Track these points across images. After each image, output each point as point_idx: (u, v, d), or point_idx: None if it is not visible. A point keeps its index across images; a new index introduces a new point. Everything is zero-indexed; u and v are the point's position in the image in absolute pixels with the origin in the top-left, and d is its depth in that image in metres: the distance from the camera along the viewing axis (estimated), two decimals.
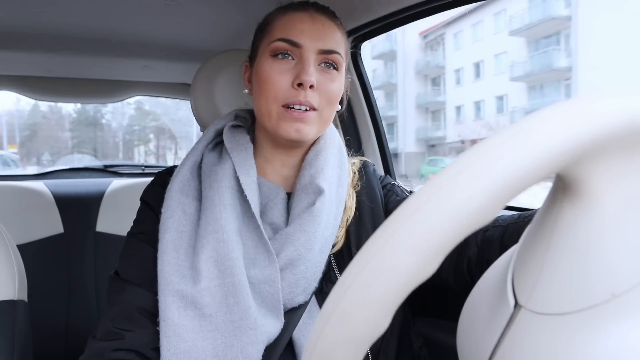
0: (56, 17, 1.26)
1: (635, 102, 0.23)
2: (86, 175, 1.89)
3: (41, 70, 1.73)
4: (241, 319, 0.64)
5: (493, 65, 19.46)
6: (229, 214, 0.68)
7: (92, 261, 1.55)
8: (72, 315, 1.50)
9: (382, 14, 1.11)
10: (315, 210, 0.69)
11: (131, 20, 1.31)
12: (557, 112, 0.23)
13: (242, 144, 0.75)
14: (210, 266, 0.65)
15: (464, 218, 0.22)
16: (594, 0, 15.58)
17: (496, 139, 0.23)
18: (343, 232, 0.76)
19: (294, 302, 0.69)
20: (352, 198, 0.78)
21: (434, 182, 0.23)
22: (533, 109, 15.45)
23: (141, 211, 0.78)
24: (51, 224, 1.53)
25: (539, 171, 0.22)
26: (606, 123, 0.22)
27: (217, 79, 0.98)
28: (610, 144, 0.23)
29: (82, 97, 1.95)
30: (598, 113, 0.23)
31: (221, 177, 0.71)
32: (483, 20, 19.17)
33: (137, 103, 16.34)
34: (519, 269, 0.30)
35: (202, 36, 1.44)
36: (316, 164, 0.74)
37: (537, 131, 0.22)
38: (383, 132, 1.44)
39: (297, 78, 0.68)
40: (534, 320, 0.27)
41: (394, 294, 0.23)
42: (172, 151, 16.90)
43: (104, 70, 1.78)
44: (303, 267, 0.68)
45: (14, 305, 0.83)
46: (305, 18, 0.70)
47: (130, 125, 17.33)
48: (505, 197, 0.22)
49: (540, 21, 17.17)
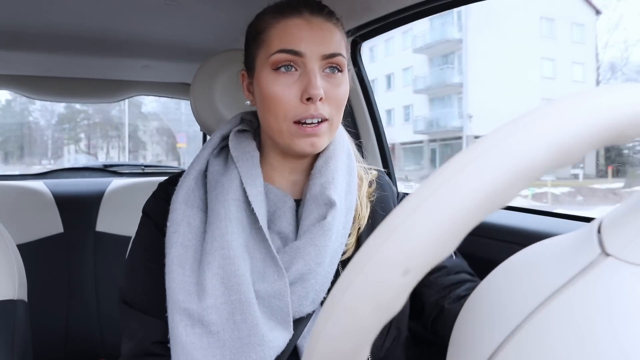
0: (56, 17, 1.25)
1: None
2: (86, 175, 1.89)
3: (41, 70, 1.73)
4: (249, 336, 0.64)
5: (401, 78, 21.78)
6: (234, 228, 0.66)
7: (92, 261, 1.55)
8: (71, 315, 1.50)
9: (382, 14, 1.11)
10: (327, 224, 0.68)
11: (131, 20, 1.31)
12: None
13: (248, 151, 0.73)
14: (216, 283, 0.64)
15: (489, 195, 0.22)
16: (481, 27, 18.23)
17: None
18: (354, 241, 0.74)
19: (301, 312, 0.68)
20: (367, 208, 0.77)
21: (453, 163, 0.24)
22: (433, 118, 19.92)
23: (142, 225, 0.76)
24: (51, 223, 1.53)
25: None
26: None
27: (217, 79, 0.98)
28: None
29: (81, 97, 1.94)
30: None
31: (227, 188, 0.69)
32: (394, 37, 21.23)
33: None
34: (616, 221, 0.30)
35: (202, 36, 1.44)
36: (327, 172, 0.72)
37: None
38: (383, 131, 1.44)
39: (305, 92, 0.65)
40: (624, 269, 0.28)
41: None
42: (103, 150, 16.81)
43: (103, 70, 1.78)
44: (313, 281, 0.67)
45: (14, 305, 0.82)
46: (301, 24, 0.67)
47: (60, 123, 17.06)
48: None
49: (438, 42, 19.69)
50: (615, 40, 9.52)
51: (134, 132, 16.42)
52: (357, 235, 0.75)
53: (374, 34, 1.28)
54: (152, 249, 0.71)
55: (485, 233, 0.97)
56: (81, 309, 1.51)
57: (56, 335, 1.48)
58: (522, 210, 1.08)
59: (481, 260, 0.80)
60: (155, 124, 15.82)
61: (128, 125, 15.21)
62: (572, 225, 0.92)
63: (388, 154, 1.45)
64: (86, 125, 16.70)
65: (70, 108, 16.27)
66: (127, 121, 15.07)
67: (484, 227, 0.97)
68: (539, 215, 1.03)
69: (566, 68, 17.56)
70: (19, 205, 1.50)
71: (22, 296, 0.87)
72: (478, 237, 0.96)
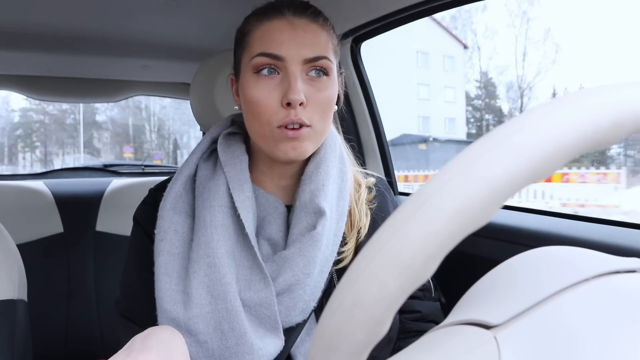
0: (56, 17, 1.25)
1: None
2: (86, 175, 1.88)
3: (41, 70, 1.73)
4: (237, 345, 0.63)
5: None
6: (220, 235, 0.65)
7: (92, 261, 1.54)
8: (71, 315, 1.50)
9: (382, 14, 1.11)
10: (317, 234, 0.66)
11: (131, 20, 1.31)
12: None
13: (236, 155, 0.71)
14: (202, 292, 0.64)
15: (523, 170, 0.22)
16: (368, 63, 21.06)
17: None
18: (352, 249, 0.72)
19: (291, 322, 0.67)
20: (367, 215, 0.75)
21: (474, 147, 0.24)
22: None
23: (134, 232, 0.76)
24: (51, 223, 1.53)
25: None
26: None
27: (217, 79, 0.98)
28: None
29: (81, 97, 1.94)
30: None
31: (214, 194, 0.68)
32: None
33: (22, 110, 16.17)
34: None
35: (202, 36, 1.44)
36: (317, 178, 0.69)
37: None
38: (383, 131, 1.44)
39: (284, 97, 0.63)
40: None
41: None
42: (58, 157, 16.77)
43: (103, 70, 1.78)
44: (301, 292, 0.66)
45: (14, 305, 0.82)
46: (283, 27, 0.65)
47: (13, 130, 17.06)
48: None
49: None
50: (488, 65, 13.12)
51: (89, 141, 16.59)
52: (355, 245, 0.73)
53: (373, 34, 1.28)
54: (144, 257, 0.70)
55: (484, 233, 0.97)
56: (81, 308, 1.51)
57: (56, 334, 1.48)
58: (522, 210, 1.08)
59: (480, 260, 0.80)
60: (109, 134, 16.06)
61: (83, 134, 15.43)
62: (571, 225, 0.92)
63: (389, 156, 1.44)
64: (42, 134, 16.76)
65: (25, 116, 16.31)
66: (82, 130, 15.31)
67: (486, 227, 0.97)
68: (540, 215, 1.03)
69: (439, 91, 21.95)
70: (18, 205, 1.50)
71: (22, 296, 0.87)
72: (475, 237, 0.96)
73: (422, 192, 0.23)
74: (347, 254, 0.71)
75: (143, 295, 0.68)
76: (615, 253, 0.37)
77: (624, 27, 12.83)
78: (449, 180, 0.22)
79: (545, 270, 0.33)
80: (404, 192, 1.45)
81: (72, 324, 1.49)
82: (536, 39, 11.00)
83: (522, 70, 18.14)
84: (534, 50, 14.79)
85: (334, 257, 0.70)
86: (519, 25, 12.21)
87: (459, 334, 0.30)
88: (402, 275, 0.22)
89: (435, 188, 0.23)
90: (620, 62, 10.89)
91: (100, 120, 15.23)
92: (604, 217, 0.91)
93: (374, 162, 1.44)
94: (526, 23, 12.26)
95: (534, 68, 18.28)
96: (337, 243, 0.70)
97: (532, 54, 12.77)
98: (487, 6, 12.39)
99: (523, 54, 14.94)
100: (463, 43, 18.83)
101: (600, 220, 0.90)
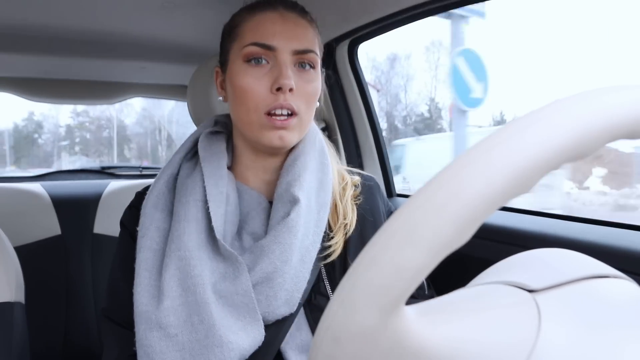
0: (53, 19, 1.26)
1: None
2: (83, 177, 1.88)
3: (38, 72, 1.73)
4: (206, 337, 0.63)
5: None
6: (192, 229, 0.66)
7: (90, 263, 1.54)
8: (69, 317, 1.50)
9: (379, 16, 1.11)
10: (291, 221, 0.67)
11: (128, 22, 1.31)
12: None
13: (215, 152, 0.72)
14: (173, 285, 0.64)
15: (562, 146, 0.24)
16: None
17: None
18: (340, 243, 0.72)
19: (276, 314, 0.67)
20: (353, 211, 0.76)
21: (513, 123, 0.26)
22: None
23: (121, 235, 0.77)
24: (48, 225, 1.52)
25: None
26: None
27: (214, 81, 0.98)
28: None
29: (79, 99, 1.94)
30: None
31: (191, 190, 0.69)
32: None
33: (67, 127, 16.32)
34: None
35: (200, 38, 1.44)
36: (293, 170, 0.71)
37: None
38: (381, 133, 1.44)
39: (275, 83, 0.65)
40: None
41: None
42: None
43: (101, 72, 1.78)
44: (280, 280, 0.66)
45: (11, 307, 0.82)
46: (275, 18, 0.68)
47: (59, 141, 17.11)
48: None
49: None
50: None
51: (121, 152, 16.79)
52: (344, 239, 0.73)
53: (371, 36, 1.29)
54: (129, 258, 0.70)
55: (482, 234, 0.97)
56: (79, 310, 1.51)
57: (54, 337, 1.48)
58: (520, 211, 1.09)
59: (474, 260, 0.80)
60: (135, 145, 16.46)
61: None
62: (569, 226, 0.92)
63: (386, 157, 1.45)
64: (85, 147, 17.03)
65: (71, 132, 16.55)
66: (115, 142, 15.74)
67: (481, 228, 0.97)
68: (536, 216, 1.04)
69: None
70: (16, 207, 1.50)
71: (20, 298, 0.87)
72: (474, 238, 0.96)
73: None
74: (335, 248, 0.72)
75: (125, 294, 0.69)
76: (611, 254, 0.38)
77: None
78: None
79: (524, 273, 0.35)
80: (402, 194, 1.45)
81: (70, 326, 1.49)
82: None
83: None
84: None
85: (316, 248, 0.70)
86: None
87: (501, 290, 0.33)
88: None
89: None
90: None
91: (129, 134, 15.57)
92: (599, 218, 0.91)
93: (371, 163, 1.45)
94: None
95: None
96: (319, 234, 0.71)
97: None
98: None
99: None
100: (376, 88, 18.77)
101: (596, 221, 0.91)
